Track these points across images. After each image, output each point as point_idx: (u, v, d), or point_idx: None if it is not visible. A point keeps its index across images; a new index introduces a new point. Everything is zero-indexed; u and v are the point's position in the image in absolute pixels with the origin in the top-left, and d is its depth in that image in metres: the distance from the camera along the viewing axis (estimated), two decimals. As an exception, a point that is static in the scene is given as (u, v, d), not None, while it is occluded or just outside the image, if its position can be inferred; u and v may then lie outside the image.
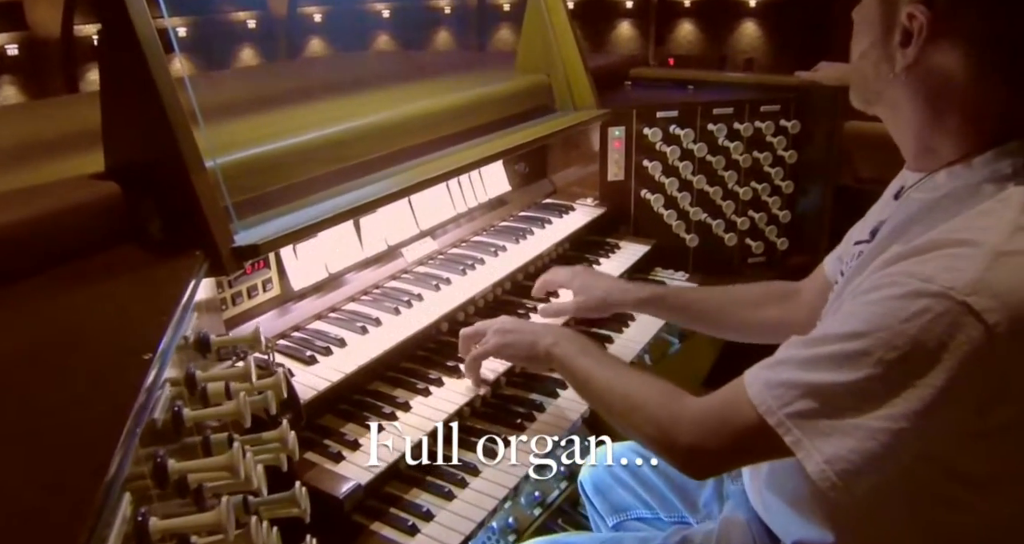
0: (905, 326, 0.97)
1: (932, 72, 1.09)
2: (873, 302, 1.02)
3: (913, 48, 1.08)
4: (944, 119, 1.12)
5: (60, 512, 0.65)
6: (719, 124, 2.49)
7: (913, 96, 1.13)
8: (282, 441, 1.07)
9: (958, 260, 0.97)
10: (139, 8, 1.24)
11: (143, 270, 1.22)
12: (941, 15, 1.05)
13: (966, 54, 1.06)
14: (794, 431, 1.04)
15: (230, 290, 1.59)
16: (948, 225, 1.03)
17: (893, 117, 1.19)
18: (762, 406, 1.07)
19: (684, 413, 1.19)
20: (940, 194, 1.11)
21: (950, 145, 1.12)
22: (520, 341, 1.58)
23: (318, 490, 1.35)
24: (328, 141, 1.69)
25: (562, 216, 2.41)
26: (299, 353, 1.60)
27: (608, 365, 1.42)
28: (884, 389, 0.99)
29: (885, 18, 1.12)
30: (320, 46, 9.64)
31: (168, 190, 1.29)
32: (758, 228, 2.63)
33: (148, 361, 0.87)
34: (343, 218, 1.59)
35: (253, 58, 9.14)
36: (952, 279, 0.96)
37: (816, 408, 1.03)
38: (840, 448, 1.01)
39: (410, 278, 1.97)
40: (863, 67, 1.18)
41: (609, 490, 1.74)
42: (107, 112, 1.31)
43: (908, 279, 0.99)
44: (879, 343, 0.99)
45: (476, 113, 2.15)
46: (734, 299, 1.74)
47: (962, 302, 0.95)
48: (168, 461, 0.81)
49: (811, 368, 1.05)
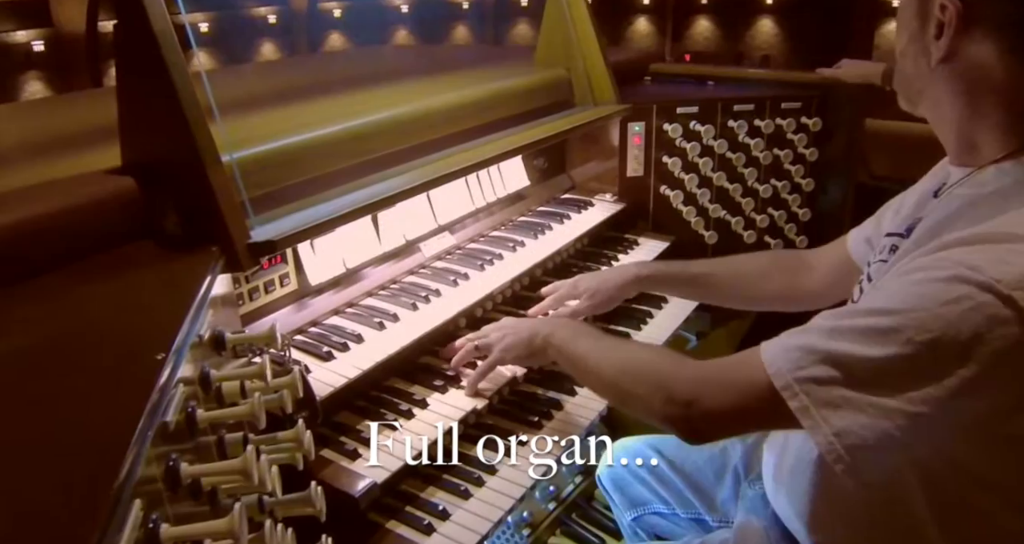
0: (943, 310, 0.94)
1: (968, 64, 1.07)
2: (914, 282, 0.99)
3: (945, 39, 1.06)
4: (986, 113, 1.09)
5: (69, 517, 0.64)
6: (740, 121, 2.46)
7: (952, 90, 1.10)
8: (297, 441, 1.06)
9: (1010, 254, 0.94)
10: (155, 4, 1.23)
11: (159, 266, 1.21)
12: (971, 3, 1.03)
13: (999, 43, 1.04)
14: (801, 397, 1.00)
15: (247, 285, 1.58)
16: (1000, 219, 1.00)
17: (936, 114, 1.17)
18: (771, 367, 1.03)
19: (686, 368, 1.17)
20: (988, 190, 1.07)
21: (994, 141, 1.09)
22: (518, 339, 1.57)
23: (334, 488, 1.34)
24: (346, 135, 1.68)
25: (580, 212, 2.39)
26: (316, 349, 1.59)
27: (606, 340, 1.41)
28: (908, 370, 0.96)
29: (921, 12, 1.10)
30: (340, 41, 9.67)
31: (184, 185, 1.28)
32: (777, 226, 2.60)
33: (162, 361, 0.86)
34: (361, 213, 1.57)
35: (274, 52, 9.19)
36: (1001, 272, 0.93)
37: (831, 376, 0.99)
38: (851, 422, 0.98)
39: (428, 273, 1.96)
40: (904, 65, 1.16)
41: (627, 485, 1.74)
42: (124, 107, 1.31)
43: (954, 264, 0.96)
44: (912, 322, 0.95)
45: (496, 107, 2.13)
46: (740, 271, 1.73)
47: (1007, 296, 0.92)
48: (181, 465, 0.80)
49: (834, 337, 1.01)
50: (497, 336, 1.63)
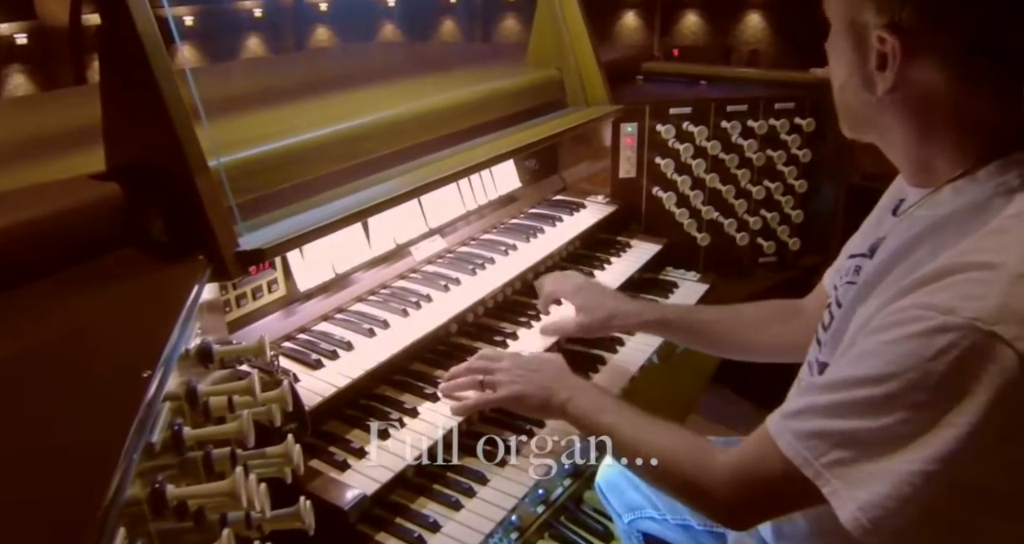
0: (932, 365, 0.92)
1: (915, 90, 1.05)
2: (892, 342, 0.97)
3: (891, 71, 1.04)
4: (937, 135, 1.08)
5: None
6: (733, 121, 2.44)
7: (901, 117, 1.09)
8: (286, 456, 1.03)
9: (977, 286, 0.92)
10: (140, 4, 1.19)
11: (144, 275, 1.18)
12: (910, 36, 1.02)
13: (945, 68, 1.02)
14: (832, 482, 1.01)
15: (234, 292, 1.55)
16: (960, 247, 0.98)
17: (885, 140, 1.16)
18: (797, 459, 1.04)
19: (716, 470, 1.17)
20: (947, 211, 1.06)
21: (948, 161, 1.08)
22: (532, 395, 1.52)
23: (322, 500, 1.31)
24: (336, 138, 1.65)
25: (573, 214, 2.37)
26: (305, 357, 1.56)
27: (627, 420, 1.36)
28: (917, 431, 0.95)
29: (856, 45, 1.09)
30: (326, 35, 9.60)
31: (170, 191, 1.25)
32: (770, 228, 2.59)
33: (148, 378, 0.83)
34: (351, 220, 1.54)
35: (259, 47, 9.12)
36: (975, 308, 0.91)
37: (851, 456, 1.00)
38: (874, 494, 0.98)
39: (418, 278, 1.93)
40: (846, 97, 1.16)
41: (623, 490, 1.72)
42: (107, 110, 1.27)
43: (926, 312, 0.94)
44: (906, 385, 0.94)
45: (488, 109, 2.10)
46: (739, 321, 1.70)
47: (989, 332, 0.89)
48: (167, 487, 0.77)
49: (838, 415, 1.01)
50: (506, 378, 1.56)
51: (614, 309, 1.77)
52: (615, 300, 1.80)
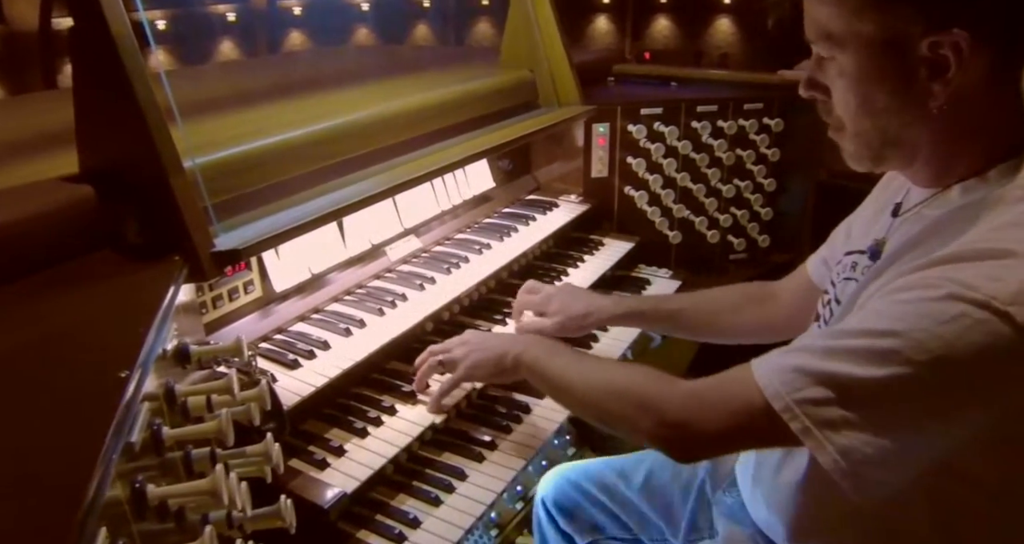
0: (940, 329, 0.94)
1: (963, 94, 1.03)
2: (906, 302, 0.98)
3: (956, 73, 1.00)
4: (965, 141, 1.07)
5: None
6: (703, 122, 2.48)
7: (942, 126, 1.06)
8: (266, 455, 1.03)
9: (1000, 270, 0.94)
10: (113, 5, 1.19)
11: (120, 277, 1.17)
12: (976, 33, 0.98)
13: (993, 65, 1.01)
14: (802, 418, 1.01)
15: (210, 293, 1.55)
16: (981, 234, 1.00)
17: (911, 160, 1.13)
18: (768, 389, 1.03)
19: (676, 389, 1.16)
20: (955, 207, 1.07)
21: (966, 163, 1.09)
22: (486, 358, 1.53)
23: (303, 499, 1.32)
24: (311, 139, 1.65)
25: (546, 213, 2.39)
26: (282, 357, 1.56)
27: (583, 360, 1.39)
28: (910, 389, 0.96)
29: (895, 62, 1.03)
30: (300, 39, 9.54)
31: (145, 192, 1.24)
32: (740, 225, 2.62)
33: (125, 378, 0.83)
34: (327, 220, 1.55)
35: (233, 51, 9.03)
36: (995, 288, 0.93)
37: (829, 396, 0.99)
38: (853, 440, 0.98)
39: (394, 277, 1.94)
40: (882, 125, 1.08)
41: (579, 509, 1.69)
42: (80, 111, 1.27)
43: (947, 283, 0.96)
44: (911, 343, 0.95)
45: (462, 109, 2.11)
46: (713, 306, 1.71)
47: (1004, 312, 0.92)
48: (148, 487, 0.78)
49: (830, 358, 1.01)
50: (462, 352, 1.57)
51: (588, 306, 1.78)
52: (588, 298, 1.82)
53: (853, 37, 1.05)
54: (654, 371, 1.23)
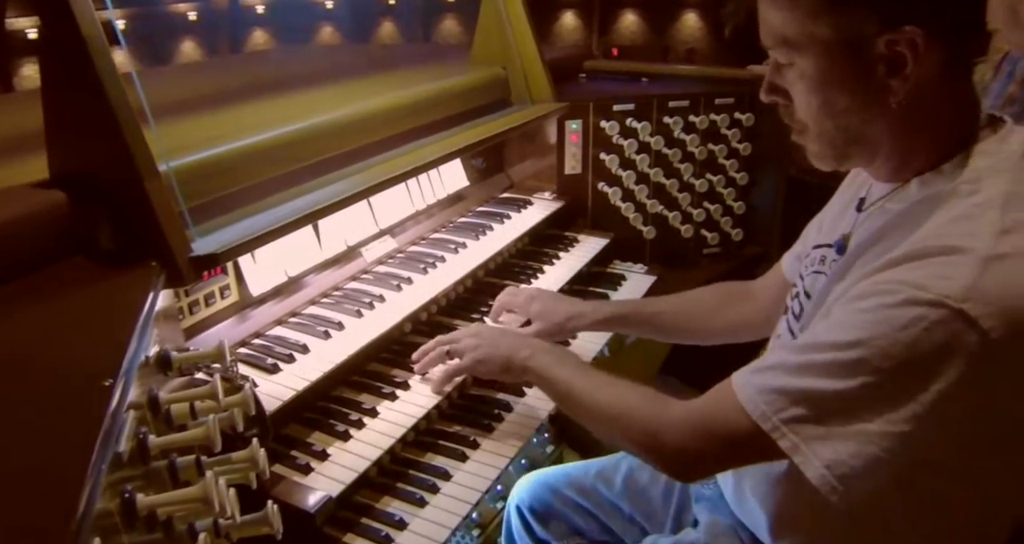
0: (901, 335, 0.97)
1: (920, 89, 1.05)
2: (866, 310, 1.01)
3: (912, 68, 1.02)
4: (929, 131, 1.10)
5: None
6: (675, 117, 2.49)
7: (901, 121, 1.08)
8: (252, 461, 1.02)
9: (949, 267, 0.97)
10: (83, 4, 1.17)
11: (95, 284, 1.15)
12: (926, 26, 1.00)
13: (947, 59, 1.04)
14: (790, 436, 1.04)
15: (186, 299, 1.53)
16: (932, 230, 1.02)
17: (873, 156, 1.14)
18: (755, 412, 1.07)
19: (671, 415, 1.19)
20: (913, 202, 1.10)
21: (923, 156, 1.11)
22: (494, 356, 1.55)
23: (287, 504, 1.30)
24: (285, 140, 1.63)
25: (520, 211, 2.38)
26: (261, 361, 1.55)
27: (587, 375, 1.40)
28: (881, 396, 0.99)
29: (853, 63, 1.05)
30: (263, 38, 9.45)
31: (119, 197, 1.22)
32: (713, 219, 2.64)
33: (110, 387, 0.82)
34: (304, 222, 1.54)
35: (195, 51, 8.92)
36: (946, 287, 0.95)
37: (810, 414, 1.03)
38: (840, 452, 1.01)
39: (370, 278, 1.93)
40: (844, 124, 1.10)
41: (557, 514, 1.69)
42: (50, 115, 1.24)
43: (901, 287, 0.98)
44: (875, 352, 0.98)
45: (435, 108, 2.11)
46: (691, 308, 1.73)
47: (958, 310, 0.94)
48: (137, 496, 0.76)
49: (803, 374, 1.04)
50: (470, 343, 1.60)
51: (569, 312, 1.79)
52: (569, 303, 1.83)
53: (810, 41, 1.06)
54: (650, 394, 1.26)
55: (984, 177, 1.04)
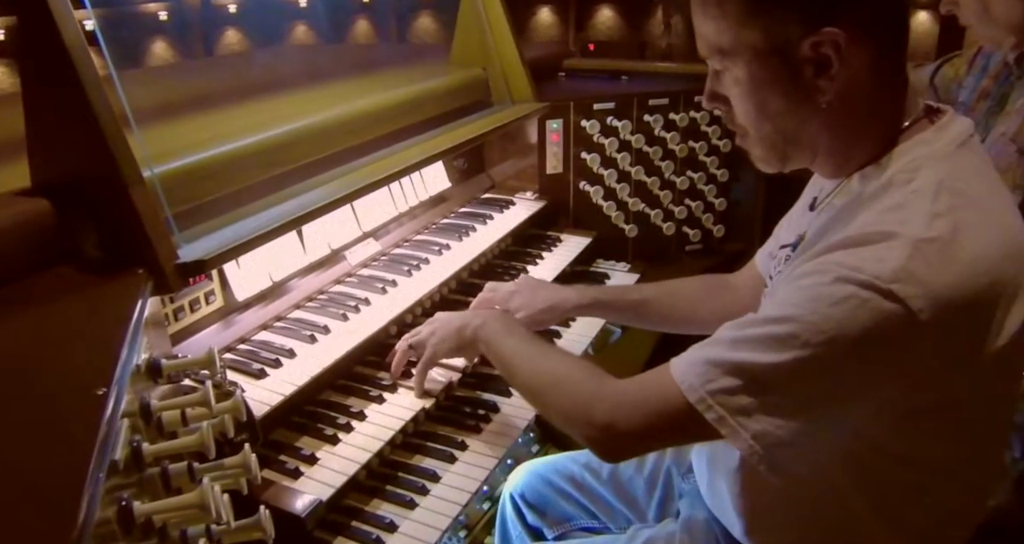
0: (832, 310, 0.99)
1: (851, 82, 1.07)
2: (802, 287, 1.04)
3: (838, 68, 1.06)
4: (859, 129, 1.13)
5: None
6: (655, 115, 2.51)
7: (836, 120, 1.11)
8: (244, 466, 1.02)
9: (883, 252, 1.00)
10: (62, 7, 1.16)
11: (82, 293, 1.14)
12: (848, 27, 1.04)
13: (874, 57, 1.07)
14: (716, 408, 1.05)
15: (171, 305, 1.52)
16: (870, 218, 1.05)
17: (813, 155, 1.17)
18: (684, 383, 1.08)
19: (604, 391, 1.19)
20: (855, 196, 1.13)
21: (863, 150, 1.14)
22: (448, 330, 1.57)
23: (277, 509, 1.30)
24: (268, 145, 1.63)
25: (503, 211, 2.39)
26: (247, 367, 1.54)
27: (534, 344, 1.41)
28: (810, 370, 1.02)
29: (782, 67, 1.08)
30: (236, 38, 9.34)
31: (104, 204, 1.21)
32: (695, 216, 2.67)
33: (103, 396, 0.81)
34: (290, 227, 1.53)
35: (166, 51, 8.81)
36: (878, 269, 0.98)
37: (739, 385, 1.05)
38: (766, 424, 1.03)
39: (355, 282, 1.93)
40: (780, 126, 1.13)
41: (547, 502, 1.71)
42: (31, 122, 1.23)
43: (836, 267, 1.01)
44: (806, 326, 1.01)
45: (416, 110, 2.11)
46: (673, 297, 1.75)
47: (887, 290, 0.97)
48: (134, 504, 0.76)
49: (737, 348, 1.06)
50: (428, 331, 1.63)
51: (551, 298, 1.77)
52: (551, 290, 1.81)
53: (741, 47, 1.10)
54: (590, 368, 1.27)
55: (921, 166, 1.07)
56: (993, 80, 1.89)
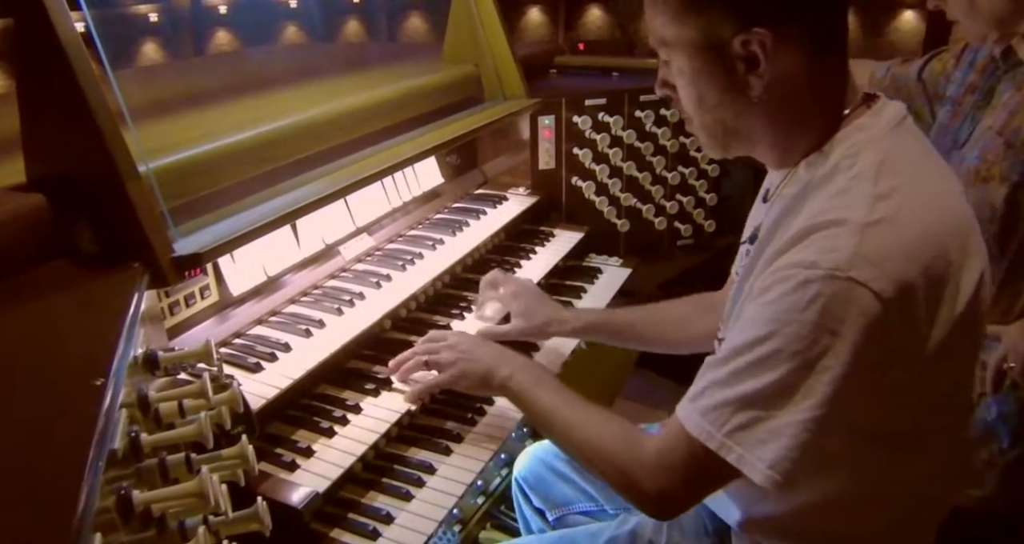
0: (805, 315, 1.02)
1: (782, 78, 1.11)
2: (770, 302, 1.06)
3: (765, 67, 1.10)
4: (798, 119, 1.16)
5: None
6: (647, 111, 2.52)
7: (770, 111, 1.15)
8: (242, 457, 1.03)
9: (832, 240, 1.03)
10: (58, 4, 1.16)
11: (79, 287, 1.15)
12: (776, 27, 1.08)
13: (804, 54, 1.11)
14: (735, 448, 1.07)
15: (166, 299, 1.53)
16: (816, 208, 1.08)
17: (753, 145, 1.21)
18: (702, 435, 1.10)
19: (643, 461, 1.21)
20: (803, 184, 1.15)
21: (805, 139, 1.17)
22: (473, 370, 1.55)
23: (274, 501, 1.31)
24: (263, 140, 1.63)
25: (496, 206, 2.40)
26: (243, 361, 1.55)
27: (564, 404, 1.39)
28: (803, 378, 1.04)
29: (717, 62, 1.13)
30: (227, 39, 9.33)
31: (100, 199, 1.22)
32: (686, 211, 2.68)
33: (101, 386, 0.82)
34: (284, 221, 1.54)
35: (157, 52, 8.79)
36: (832, 259, 1.01)
37: (751, 418, 1.06)
38: (779, 450, 1.05)
39: (349, 276, 1.93)
40: (720, 116, 1.17)
41: (548, 485, 1.74)
42: (27, 118, 1.24)
43: (794, 270, 1.04)
44: (787, 339, 1.03)
45: (411, 106, 2.12)
46: (664, 319, 1.77)
47: (847, 278, 1.01)
48: (133, 493, 0.77)
49: (734, 383, 1.08)
50: (449, 358, 1.58)
51: (551, 316, 1.81)
52: (551, 308, 1.84)
53: (681, 41, 1.15)
54: (624, 432, 1.27)
55: (861, 150, 1.11)
56: (980, 74, 1.91)
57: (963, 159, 1.84)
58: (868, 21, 8.21)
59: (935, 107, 2.05)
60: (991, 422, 1.78)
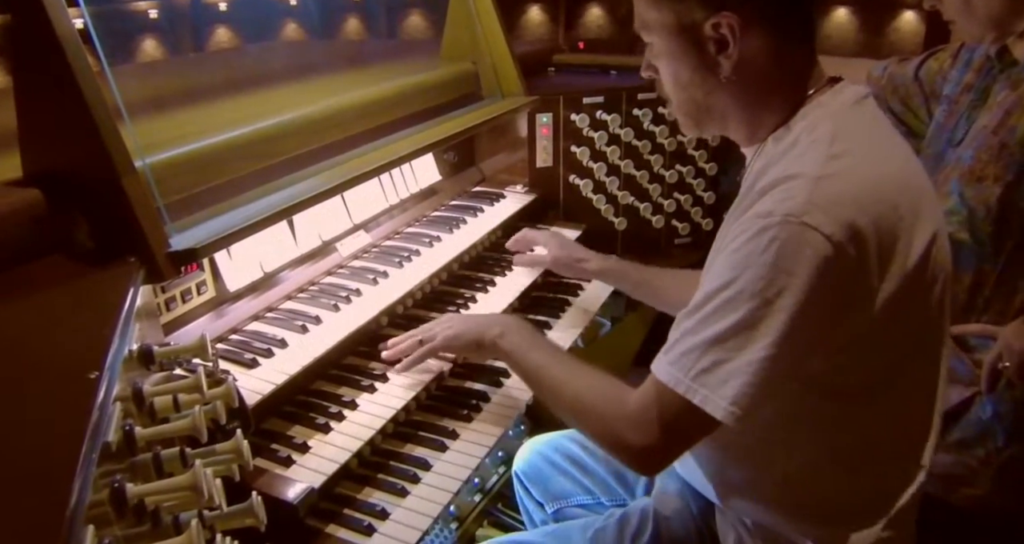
0: (764, 258, 1.09)
1: (749, 60, 1.20)
2: (734, 251, 1.12)
3: (732, 49, 1.18)
4: (767, 98, 1.24)
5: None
6: (644, 109, 2.52)
7: (740, 90, 1.23)
8: (236, 452, 1.03)
9: (787, 192, 1.11)
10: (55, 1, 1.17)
11: (74, 282, 1.15)
12: (743, 12, 1.17)
13: (772, 33, 1.19)
14: (700, 390, 1.12)
15: (163, 295, 1.53)
16: (778, 170, 1.16)
17: (725, 122, 1.29)
18: (671, 381, 1.15)
19: (626, 415, 1.24)
20: (770, 157, 1.22)
21: (773, 115, 1.25)
22: (467, 329, 1.61)
23: (270, 496, 1.31)
24: (260, 136, 1.64)
25: (493, 204, 2.40)
26: (239, 356, 1.55)
27: (556, 360, 1.44)
28: (762, 317, 1.09)
29: (692, 43, 1.22)
30: (226, 36, 9.34)
31: (96, 194, 1.22)
32: (684, 210, 2.68)
33: (96, 380, 0.83)
34: (281, 217, 1.54)
35: (156, 49, 8.80)
36: (787, 207, 1.09)
37: (715, 359, 1.12)
38: (739, 387, 1.10)
39: (346, 273, 1.94)
40: (693, 95, 1.27)
41: (547, 479, 1.77)
42: (23, 113, 1.24)
43: (754, 219, 1.11)
44: (747, 281, 1.09)
45: (408, 102, 2.12)
46: (679, 280, 1.84)
47: (801, 222, 1.07)
48: (127, 486, 0.77)
49: (700, 329, 1.14)
50: (441, 327, 1.66)
51: (586, 253, 2.01)
52: (578, 248, 2.05)
53: (659, 24, 1.24)
54: (611, 388, 1.30)
55: (820, 122, 1.19)
56: (976, 74, 1.91)
57: (958, 158, 1.84)
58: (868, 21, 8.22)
59: (932, 106, 2.06)
60: (987, 421, 1.78)
